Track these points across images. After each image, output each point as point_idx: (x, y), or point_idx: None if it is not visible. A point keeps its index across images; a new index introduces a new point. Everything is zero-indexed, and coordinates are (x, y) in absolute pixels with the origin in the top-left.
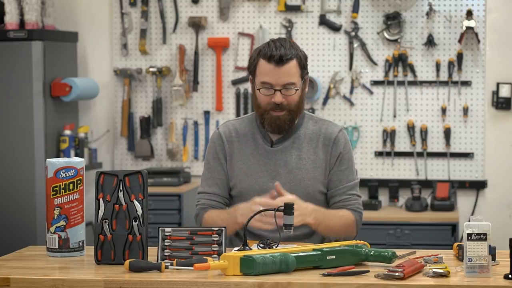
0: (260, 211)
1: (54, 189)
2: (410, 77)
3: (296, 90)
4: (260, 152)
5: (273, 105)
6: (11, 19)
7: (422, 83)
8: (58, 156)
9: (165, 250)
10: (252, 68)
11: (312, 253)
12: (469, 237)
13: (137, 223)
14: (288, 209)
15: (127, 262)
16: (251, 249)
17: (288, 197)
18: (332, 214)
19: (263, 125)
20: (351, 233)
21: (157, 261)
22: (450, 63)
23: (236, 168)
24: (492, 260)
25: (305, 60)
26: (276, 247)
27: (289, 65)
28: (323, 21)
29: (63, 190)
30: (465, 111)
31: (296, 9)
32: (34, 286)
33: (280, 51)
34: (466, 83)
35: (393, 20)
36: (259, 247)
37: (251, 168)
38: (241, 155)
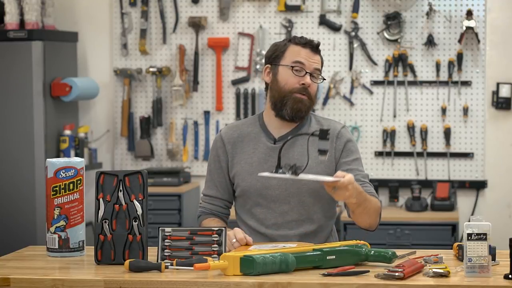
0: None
1: (54, 189)
2: (410, 77)
3: (321, 80)
4: (262, 149)
5: (300, 88)
6: (11, 19)
7: (422, 83)
8: (58, 156)
9: (165, 250)
10: (277, 53)
11: (312, 253)
12: (469, 237)
13: (137, 223)
14: (323, 134)
15: (127, 262)
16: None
17: (346, 178)
18: (369, 198)
19: (281, 109)
20: (375, 220)
21: (157, 261)
22: (450, 63)
23: (238, 168)
24: (492, 260)
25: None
26: (301, 172)
27: (318, 57)
28: (323, 21)
29: (63, 190)
30: (465, 111)
31: (296, 9)
32: (34, 286)
33: (315, 41)
34: (466, 83)
35: (393, 20)
36: (287, 172)
37: (253, 166)
38: (243, 155)
